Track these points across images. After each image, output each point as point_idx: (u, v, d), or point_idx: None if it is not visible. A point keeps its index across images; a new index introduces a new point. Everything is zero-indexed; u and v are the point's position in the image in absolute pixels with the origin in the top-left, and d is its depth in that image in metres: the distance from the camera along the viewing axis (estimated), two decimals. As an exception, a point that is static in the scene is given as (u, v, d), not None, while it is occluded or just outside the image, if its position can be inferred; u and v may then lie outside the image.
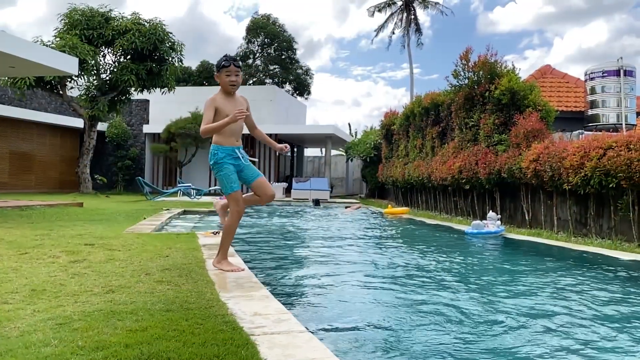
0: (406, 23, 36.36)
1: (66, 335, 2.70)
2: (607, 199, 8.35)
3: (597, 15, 72.83)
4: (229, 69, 4.05)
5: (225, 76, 4.07)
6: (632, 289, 5.18)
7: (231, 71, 4.07)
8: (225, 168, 4.14)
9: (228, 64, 4.05)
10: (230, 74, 4.07)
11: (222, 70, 4.10)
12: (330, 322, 3.92)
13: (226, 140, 4.23)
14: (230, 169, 4.16)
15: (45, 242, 6.13)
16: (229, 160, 4.18)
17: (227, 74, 4.06)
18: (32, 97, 22.92)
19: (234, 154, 4.20)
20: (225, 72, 4.06)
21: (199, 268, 4.69)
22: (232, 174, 4.15)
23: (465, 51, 12.42)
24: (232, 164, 4.18)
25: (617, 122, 14.52)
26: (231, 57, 4.12)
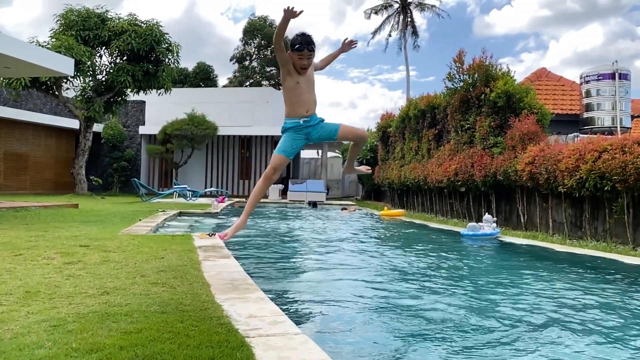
0: (403, 25, 36.43)
1: (60, 337, 2.69)
2: (602, 201, 8.38)
3: (592, 19, 73.22)
4: (302, 52, 3.87)
5: (297, 58, 3.86)
6: (630, 291, 5.19)
7: (304, 55, 3.85)
8: (285, 136, 3.98)
9: (302, 48, 3.79)
10: (302, 57, 3.82)
11: (295, 51, 3.92)
12: (326, 324, 3.91)
13: (294, 111, 3.97)
14: (289, 139, 3.95)
15: (39, 243, 6.10)
16: (291, 132, 3.95)
17: (300, 57, 3.82)
18: (28, 97, 22.83)
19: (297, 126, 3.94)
20: (298, 54, 3.83)
21: (194, 270, 4.68)
22: (286, 142, 3.94)
23: (458, 54, 12.47)
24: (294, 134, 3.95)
25: (612, 125, 14.59)
26: (306, 40, 3.85)
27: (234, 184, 26.52)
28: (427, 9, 36.33)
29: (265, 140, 26.31)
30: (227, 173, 26.73)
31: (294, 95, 3.93)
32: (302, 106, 3.91)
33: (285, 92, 3.95)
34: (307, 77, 3.94)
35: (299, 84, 3.90)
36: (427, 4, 36.24)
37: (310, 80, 3.98)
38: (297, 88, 3.90)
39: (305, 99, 3.92)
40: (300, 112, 3.91)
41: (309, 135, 3.96)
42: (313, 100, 3.97)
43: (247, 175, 26.62)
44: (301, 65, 3.83)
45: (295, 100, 3.93)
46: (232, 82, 43.50)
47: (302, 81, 3.90)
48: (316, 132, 3.97)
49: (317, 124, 3.99)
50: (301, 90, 3.91)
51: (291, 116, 3.96)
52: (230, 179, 26.65)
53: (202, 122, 24.10)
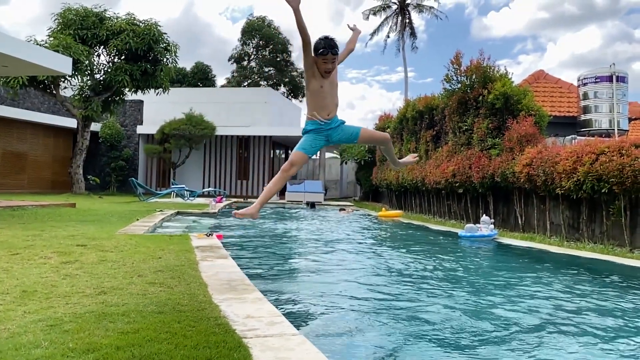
0: (401, 27, 36.48)
1: (57, 337, 2.68)
2: (600, 203, 8.40)
3: (590, 22, 73.42)
4: (326, 57, 3.87)
5: (322, 62, 3.88)
6: (626, 293, 5.20)
7: (328, 59, 3.85)
8: (305, 136, 4.03)
9: (326, 52, 3.81)
10: (327, 61, 3.85)
11: (319, 56, 3.94)
12: (324, 325, 3.91)
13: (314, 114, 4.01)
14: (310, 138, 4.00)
15: (36, 242, 6.09)
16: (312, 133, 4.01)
17: (324, 61, 3.85)
18: (25, 96, 22.77)
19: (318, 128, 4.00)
20: (322, 58, 3.85)
21: (191, 270, 4.67)
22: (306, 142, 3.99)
23: (455, 55, 12.49)
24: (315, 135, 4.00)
25: (609, 127, 14.61)
26: (329, 44, 3.87)
27: (232, 184, 26.49)
28: (425, 10, 36.40)
29: (263, 140, 26.30)
30: (225, 173, 26.71)
31: (317, 98, 3.98)
32: (324, 110, 3.96)
33: (309, 94, 4.01)
34: (331, 80, 3.98)
35: (322, 88, 3.95)
36: (425, 6, 36.31)
37: (333, 84, 4.03)
38: (321, 92, 3.95)
39: (327, 103, 3.97)
40: (322, 115, 3.96)
41: (330, 137, 4.01)
42: (335, 104, 4.02)
43: (245, 175, 26.60)
44: (325, 69, 3.87)
45: (318, 104, 3.98)
46: (230, 82, 43.48)
47: (326, 85, 3.95)
48: (337, 134, 4.02)
49: (338, 126, 4.04)
50: (324, 95, 3.96)
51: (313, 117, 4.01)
52: (228, 179, 26.62)
53: (200, 122, 24.07)
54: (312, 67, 3.90)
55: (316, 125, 3.97)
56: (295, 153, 3.94)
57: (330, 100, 3.98)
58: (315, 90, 3.96)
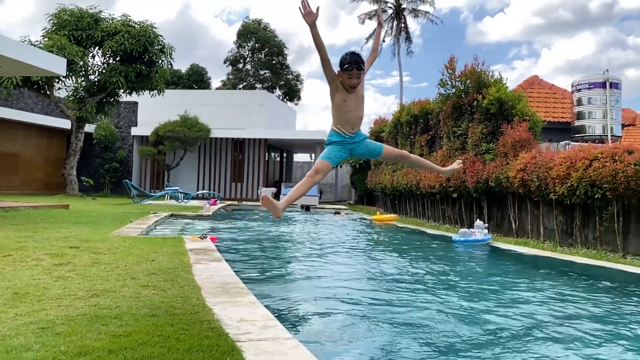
0: (396, 31, 36.61)
1: (48, 339, 2.66)
2: (593, 209, 8.44)
3: (584, 28, 73.99)
4: (351, 72, 3.87)
5: (347, 78, 3.90)
6: (618, 298, 5.23)
7: (353, 75, 3.87)
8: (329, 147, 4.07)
9: (351, 67, 3.84)
10: (352, 77, 3.88)
11: (344, 71, 3.97)
12: (317, 329, 3.90)
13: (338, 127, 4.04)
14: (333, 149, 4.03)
15: (29, 244, 6.04)
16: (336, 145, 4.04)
17: (349, 77, 3.88)
18: (19, 97, 22.65)
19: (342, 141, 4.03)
20: (347, 74, 3.88)
21: (185, 273, 4.65)
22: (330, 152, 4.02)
23: (449, 60, 12.54)
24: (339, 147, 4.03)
25: (603, 133, 14.71)
26: (354, 60, 3.88)
27: (227, 187, 26.44)
28: (420, 15, 36.56)
29: (259, 143, 26.28)
30: (220, 176, 26.66)
31: (340, 112, 4.00)
32: (348, 124, 3.99)
33: (333, 107, 4.04)
34: (356, 94, 4.01)
35: (346, 102, 3.97)
36: (420, 10, 36.47)
37: (358, 97, 4.05)
38: (344, 106, 3.97)
39: (350, 117, 3.99)
40: (346, 129, 3.99)
41: (353, 150, 4.05)
42: (359, 118, 4.05)
43: (240, 178, 26.55)
44: (350, 84, 3.89)
45: (341, 118, 4.00)
46: (226, 84, 43.44)
47: (350, 99, 3.98)
48: (360, 148, 4.06)
49: (362, 140, 4.08)
50: (348, 109, 3.98)
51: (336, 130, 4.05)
52: (222, 182, 26.57)
53: (195, 124, 24.03)
54: (335, 81, 3.93)
55: (340, 138, 4.00)
56: (320, 161, 3.96)
57: (354, 114, 4.01)
58: (339, 104, 3.99)
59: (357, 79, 3.90)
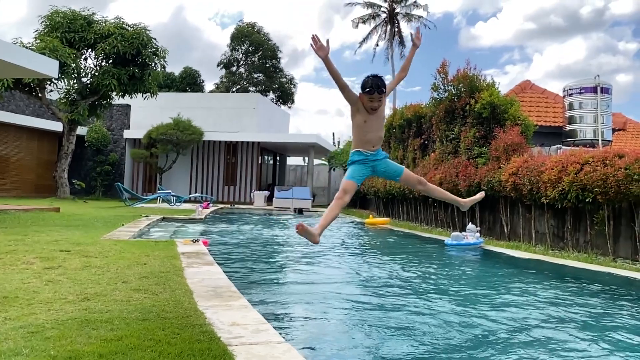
0: (390, 35, 36.75)
1: (38, 344, 2.63)
2: (584, 213, 8.50)
3: (575, 33, 74.69)
4: (372, 96, 3.93)
5: (368, 100, 3.95)
6: (610, 302, 5.26)
7: (374, 98, 3.94)
8: (352, 166, 4.13)
9: (372, 91, 3.91)
10: (373, 100, 3.95)
11: (366, 94, 3.99)
12: (309, 333, 3.90)
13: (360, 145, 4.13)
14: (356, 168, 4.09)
15: (19, 247, 5.99)
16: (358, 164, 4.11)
17: (370, 100, 3.94)
18: (10, 99, 22.49)
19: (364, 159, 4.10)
20: (368, 97, 3.94)
21: (177, 276, 4.63)
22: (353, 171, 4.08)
23: (441, 64, 12.61)
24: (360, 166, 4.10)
25: (594, 137, 14.83)
26: (376, 83, 3.96)
27: (219, 190, 26.37)
28: (414, 19, 36.74)
29: (252, 146, 26.25)
30: (212, 179, 26.58)
31: (360, 132, 4.08)
32: (368, 143, 4.06)
33: (353, 127, 4.11)
34: (377, 115, 4.07)
35: (367, 123, 4.03)
36: (414, 15, 36.66)
37: (379, 118, 4.12)
38: (365, 126, 4.04)
39: (370, 137, 4.06)
40: (366, 147, 4.07)
41: (375, 168, 4.12)
42: (379, 137, 4.14)
43: (233, 181, 26.49)
44: (371, 107, 3.95)
45: (361, 138, 4.08)
46: (219, 87, 43.39)
47: (371, 120, 4.04)
48: (382, 167, 4.14)
49: (383, 159, 4.16)
50: (368, 129, 4.04)
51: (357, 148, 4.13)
52: (215, 185, 26.50)
53: (188, 127, 23.97)
54: (356, 104, 4.01)
55: (362, 157, 4.07)
56: (346, 182, 4.03)
57: (374, 134, 4.08)
58: (360, 124, 4.05)
59: (379, 102, 3.99)
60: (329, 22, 71.36)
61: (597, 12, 69.66)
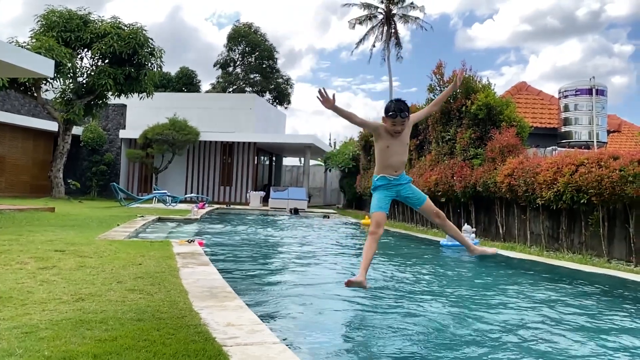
0: (386, 36, 36.81)
1: (32, 344, 2.62)
2: (579, 214, 8.53)
3: (571, 35, 75.04)
4: (395, 120, 4.01)
5: (390, 124, 4.03)
6: (604, 303, 5.28)
7: (397, 122, 4.02)
8: (376, 193, 4.22)
9: (395, 115, 4.00)
10: (396, 124, 4.03)
11: (388, 118, 4.05)
12: (305, 333, 3.90)
13: (383, 170, 4.22)
14: (381, 195, 4.17)
15: (13, 247, 5.97)
16: (382, 189, 4.21)
17: (393, 124, 4.03)
18: (5, 98, 22.41)
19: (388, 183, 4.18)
20: (391, 121, 4.02)
21: (172, 277, 4.62)
22: (379, 199, 4.16)
23: (437, 65, 12.65)
24: (385, 191, 4.19)
25: (589, 139, 14.88)
26: (399, 107, 4.04)
27: (215, 191, 26.33)
28: (410, 20, 36.81)
29: (248, 146, 26.22)
30: (208, 179, 26.55)
31: (383, 157, 4.13)
32: (390, 168, 4.12)
33: (376, 152, 4.18)
34: (400, 139, 4.12)
35: (389, 148, 4.09)
36: (410, 16, 36.73)
37: (402, 142, 4.16)
38: (387, 151, 4.10)
39: (393, 162, 4.11)
40: (389, 172, 4.13)
41: (399, 192, 4.18)
42: (402, 162, 4.19)
43: (229, 181, 26.46)
44: (395, 130, 4.02)
45: (384, 162, 4.13)
46: (215, 87, 43.35)
47: (393, 144, 4.09)
48: (406, 191, 4.20)
49: (407, 183, 4.22)
50: (390, 153, 4.09)
51: (380, 173, 4.19)
52: (211, 185, 26.46)
53: (184, 127, 23.93)
54: (377, 131, 4.10)
55: (385, 181, 4.13)
56: (375, 214, 4.09)
57: (396, 159, 4.12)
58: (382, 149, 4.11)
59: (401, 126, 4.04)
60: (326, 22, 71.46)
61: (593, 14, 70.05)
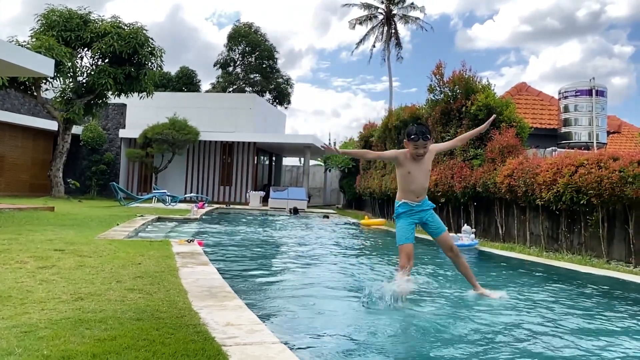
0: (387, 37, 36.83)
1: (31, 343, 2.62)
2: (578, 215, 8.53)
3: (571, 36, 75.10)
4: (417, 143, 4.04)
5: (413, 148, 4.06)
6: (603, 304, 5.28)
7: (419, 145, 4.06)
8: (400, 221, 4.22)
9: (417, 138, 4.04)
10: (418, 147, 4.06)
11: (410, 141, 4.07)
12: (304, 333, 3.90)
13: (405, 195, 4.24)
14: (404, 223, 4.17)
15: (12, 246, 5.96)
16: (405, 216, 4.22)
17: (415, 147, 4.06)
18: (5, 97, 22.40)
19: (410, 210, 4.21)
20: (413, 144, 4.05)
21: (171, 276, 4.62)
22: (404, 228, 4.17)
23: (437, 66, 12.65)
24: (409, 218, 4.21)
25: (588, 140, 14.89)
26: (421, 130, 4.09)
27: (215, 190, 26.33)
28: (411, 21, 36.84)
29: (248, 146, 26.22)
30: (208, 179, 26.54)
31: (404, 183, 4.18)
32: (411, 194, 4.17)
33: (397, 178, 4.21)
34: (422, 165, 4.16)
35: (410, 174, 4.13)
36: (411, 17, 36.76)
37: (424, 168, 4.19)
38: (408, 177, 4.14)
39: (414, 188, 4.16)
40: (411, 198, 4.17)
41: (422, 218, 4.21)
42: (424, 188, 4.22)
43: (228, 181, 26.46)
44: (416, 153, 4.07)
45: (405, 188, 4.19)
46: (215, 87, 43.35)
47: (415, 170, 4.12)
48: (427, 217, 4.24)
49: (429, 209, 4.26)
50: (411, 179, 4.14)
51: (402, 199, 4.23)
52: (210, 185, 26.46)
53: (184, 127, 23.93)
54: (396, 159, 4.18)
55: (407, 208, 4.18)
56: (403, 246, 4.12)
57: (417, 185, 4.17)
58: (404, 175, 4.16)
59: (424, 149, 4.09)
60: (326, 23, 71.48)
61: (593, 14, 70.09)
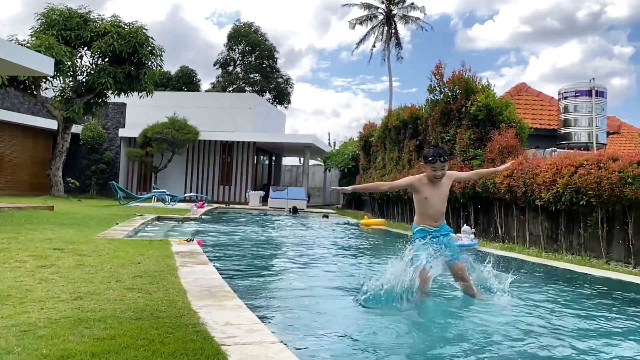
0: (387, 37, 36.83)
1: (30, 342, 2.62)
2: (578, 215, 8.54)
3: (571, 37, 75.06)
4: (434, 165, 4.08)
5: (430, 170, 4.10)
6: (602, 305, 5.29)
7: (437, 167, 4.10)
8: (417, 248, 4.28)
9: (434, 160, 4.09)
10: (436, 169, 4.10)
11: (428, 163, 4.11)
12: (304, 333, 3.90)
13: (423, 220, 4.28)
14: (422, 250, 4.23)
15: (12, 245, 5.96)
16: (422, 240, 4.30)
17: (433, 169, 4.10)
18: (5, 96, 22.39)
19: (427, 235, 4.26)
20: (431, 166, 4.09)
21: (171, 276, 4.62)
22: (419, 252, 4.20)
23: (437, 66, 12.65)
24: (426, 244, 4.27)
25: (588, 141, 14.88)
26: (438, 152, 4.13)
27: (214, 190, 26.33)
28: (411, 21, 36.83)
29: (247, 146, 26.22)
30: (208, 178, 26.54)
31: (421, 207, 4.24)
32: (429, 219, 4.22)
33: (415, 203, 4.26)
34: (439, 189, 4.20)
35: (427, 200, 4.18)
36: (411, 17, 36.75)
37: (442, 193, 4.24)
38: (425, 202, 4.20)
39: (431, 213, 4.20)
40: (429, 222, 4.22)
41: (439, 241, 4.24)
42: (441, 213, 4.26)
43: (228, 181, 26.45)
44: (434, 175, 4.12)
45: (423, 213, 4.25)
46: (215, 87, 43.33)
47: (431, 195, 4.17)
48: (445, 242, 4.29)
49: (447, 234, 4.32)
50: (429, 205, 4.19)
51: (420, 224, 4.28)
52: (210, 185, 26.45)
53: (184, 127, 23.92)
54: (412, 186, 4.25)
55: (424, 234, 4.22)
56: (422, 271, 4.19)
57: (435, 210, 4.22)
58: (421, 201, 4.22)
59: (442, 171, 4.13)
60: (326, 22, 71.45)
61: (593, 15, 70.08)
